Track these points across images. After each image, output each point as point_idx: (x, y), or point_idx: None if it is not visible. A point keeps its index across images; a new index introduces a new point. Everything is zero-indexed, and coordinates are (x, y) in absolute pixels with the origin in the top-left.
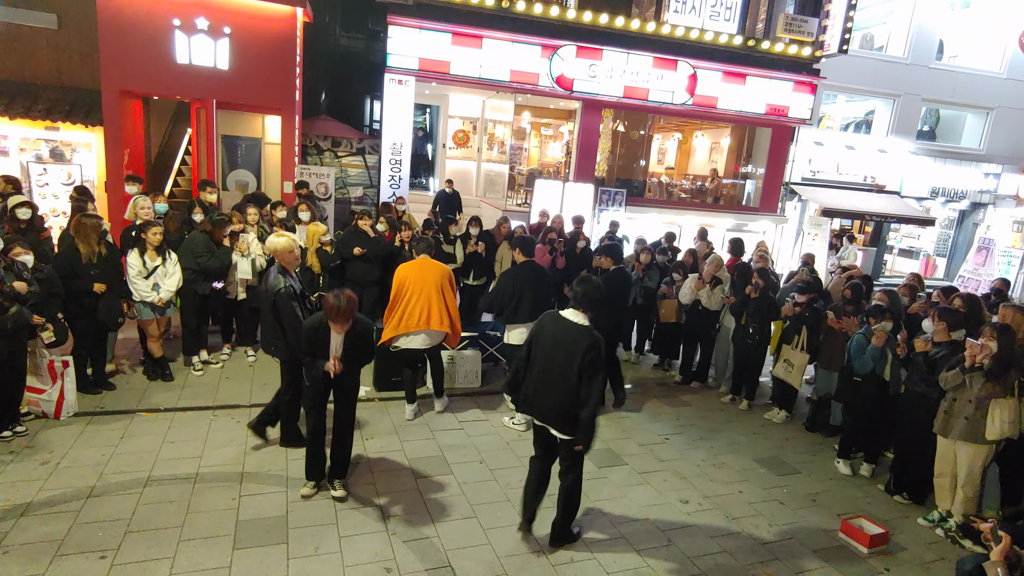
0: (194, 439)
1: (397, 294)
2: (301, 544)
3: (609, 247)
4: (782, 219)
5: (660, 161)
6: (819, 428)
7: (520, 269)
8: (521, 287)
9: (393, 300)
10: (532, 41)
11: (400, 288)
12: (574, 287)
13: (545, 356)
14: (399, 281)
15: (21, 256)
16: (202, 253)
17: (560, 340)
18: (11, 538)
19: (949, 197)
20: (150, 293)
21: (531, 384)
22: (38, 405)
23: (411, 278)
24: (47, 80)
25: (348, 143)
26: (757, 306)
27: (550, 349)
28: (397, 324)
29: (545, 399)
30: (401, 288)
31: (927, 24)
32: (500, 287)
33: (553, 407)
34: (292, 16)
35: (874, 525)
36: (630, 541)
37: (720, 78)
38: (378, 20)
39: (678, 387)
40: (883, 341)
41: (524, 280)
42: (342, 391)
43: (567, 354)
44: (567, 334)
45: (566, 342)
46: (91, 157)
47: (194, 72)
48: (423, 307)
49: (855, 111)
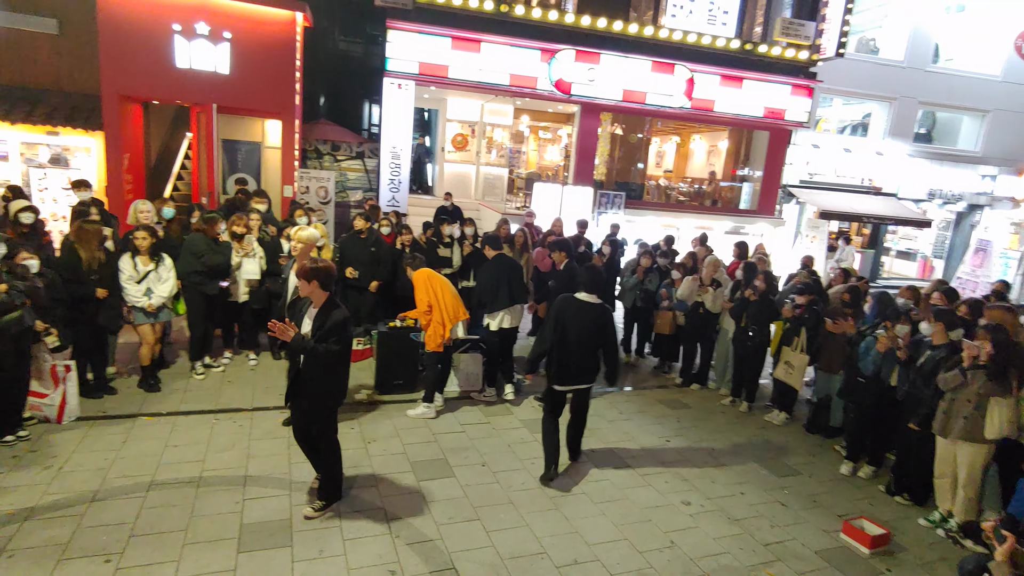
0: (196, 443)
1: (433, 294)
2: (305, 547)
3: (560, 242)
4: (779, 222)
5: (658, 164)
6: (819, 430)
7: (495, 262)
8: (498, 279)
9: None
10: (531, 45)
11: (428, 289)
12: (580, 275)
13: (576, 331)
14: (425, 283)
15: (26, 260)
16: (203, 251)
17: (584, 316)
18: (15, 542)
19: (946, 199)
20: (141, 298)
21: (569, 357)
22: (40, 409)
23: (433, 276)
24: (48, 85)
25: (348, 147)
26: (757, 308)
27: (578, 325)
28: (451, 318)
29: (581, 364)
30: (430, 288)
31: (923, 27)
32: (482, 283)
33: (586, 368)
34: (292, 21)
35: (876, 526)
36: (632, 543)
37: (718, 82)
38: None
39: (678, 389)
40: (886, 346)
41: (501, 272)
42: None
43: (591, 325)
44: (588, 311)
45: (590, 317)
46: (91, 162)
47: (194, 77)
48: (453, 300)
49: (852, 114)
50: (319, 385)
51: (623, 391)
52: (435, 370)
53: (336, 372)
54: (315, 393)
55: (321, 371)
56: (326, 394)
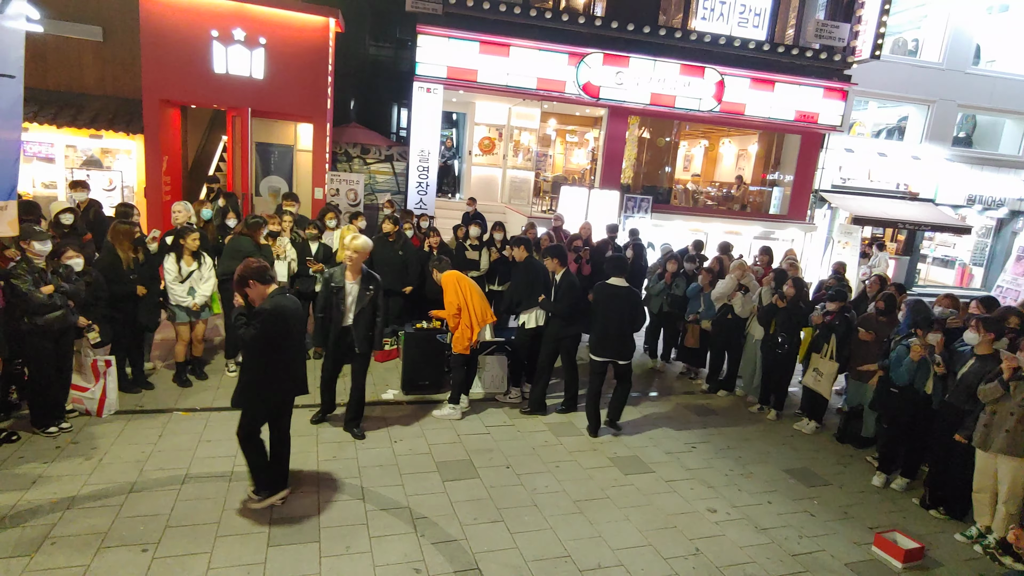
0: (229, 438)
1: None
2: (332, 543)
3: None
4: (811, 227)
5: (686, 168)
6: (850, 439)
7: (528, 263)
8: (533, 279)
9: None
10: (559, 49)
11: (458, 291)
12: (607, 264)
13: (615, 311)
14: (453, 285)
15: (72, 259)
16: (252, 254)
17: (618, 297)
18: (58, 530)
19: (986, 205)
20: (186, 298)
21: (611, 333)
22: (82, 403)
23: (462, 278)
24: (92, 90)
25: (377, 150)
26: (787, 315)
27: (616, 307)
28: (479, 320)
29: (620, 339)
30: (458, 290)
31: (964, 28)
32: (516, 282)
33: (625, 343)
34: (325, 26)
35: (909, 540)
36: (657, 549)
37: (748, 85)
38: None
39: (705, 395)
40: (919, 356)
41: (534, 273)
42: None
43: (623, 305)
44: (620, 293)
45: (621, 296)
46: (131, 164)
47: (230, 81)
48: (481, 303)
49: (887, 117)
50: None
51: (649, 396)
52: (461, 372)
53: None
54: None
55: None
56: None
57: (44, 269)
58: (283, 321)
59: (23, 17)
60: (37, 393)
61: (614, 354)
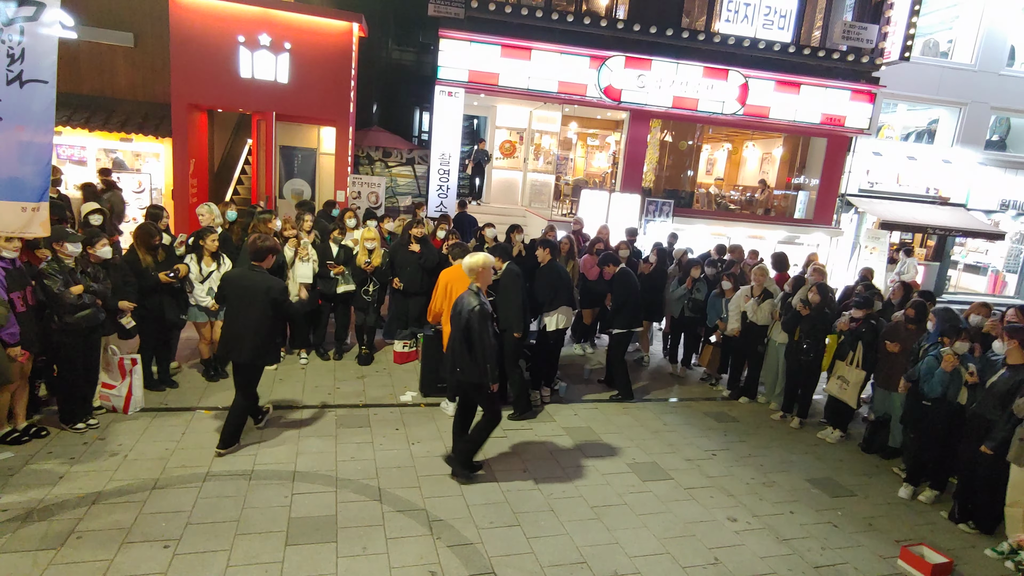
0: (249, 437)
1: (448, 296)
2: (349, 543)
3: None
4: (837, 232)
5: (709, 172)
6: (876, 450)
7: (551, 266)
8: (556, 282)
9: (441, 302)
10: (581, 52)
11: (447, 291)
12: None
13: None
14: (444, 283)
15: (101, 248)
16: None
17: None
18: (84, 524)
19: (1021, 210)
20: (205, 298)
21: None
22: (108, 400)
23: (455, 280)
24: (123, 95)
25: (398, 153)
26: (812, 322)
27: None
28: None
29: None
30: (448, 291)
31: (997, 29)
32: (540, 285)
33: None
34: (348, 31)
35: (936, 554)
36: (675, 557)
37: (773, 87)
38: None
39: (726, 402)
40: (952, 365)
41: (556, 276)
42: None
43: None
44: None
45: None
46: (159, 167)
47: (256, 86)
48: None
49: (917, 120)
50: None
51: (668, 402)
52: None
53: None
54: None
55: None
56: None
57: (74, 269)
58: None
59: (57, 24)
60: (66, 390)
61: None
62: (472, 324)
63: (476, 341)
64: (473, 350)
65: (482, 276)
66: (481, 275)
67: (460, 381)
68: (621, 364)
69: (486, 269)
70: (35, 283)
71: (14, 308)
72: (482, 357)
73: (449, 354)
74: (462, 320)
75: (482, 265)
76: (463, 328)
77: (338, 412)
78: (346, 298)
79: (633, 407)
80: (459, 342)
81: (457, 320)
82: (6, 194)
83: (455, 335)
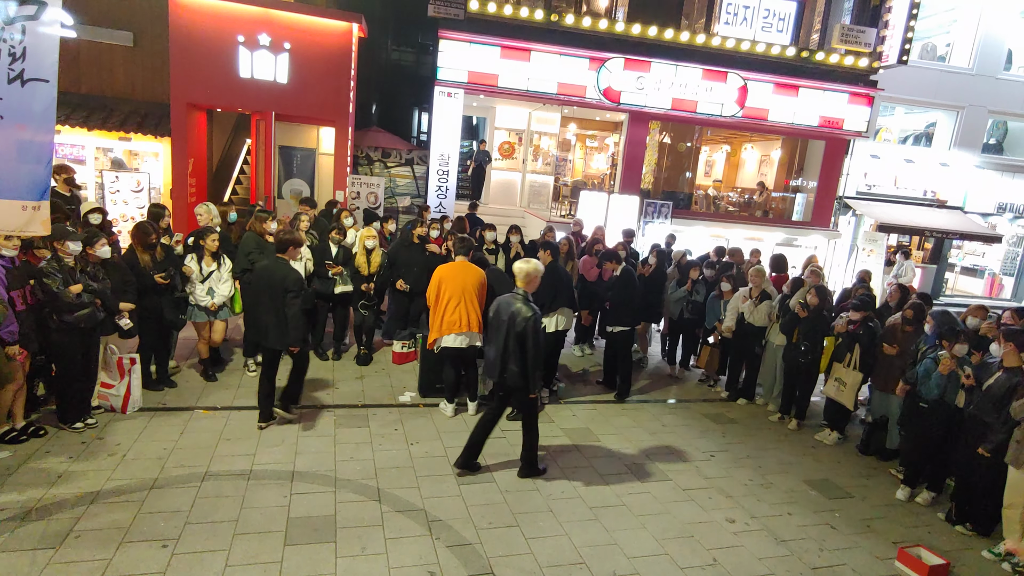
0: (248, 437)
1: (437, 296)
2: (348, 544)
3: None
4: (835, 234)
5: (707, 173)
6: (874, 451)
7: (552, 268)
8: (556, 284)
9: (433, 302)
10: (580, 54)
11: (438, 290)
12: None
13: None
14: (436, 282)
15: (101, 248)
16: (251, 250)
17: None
18: (82, 524)
19: (1017, 213)
20: (204, 297)
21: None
22: (107, 399)
23: (448, 280)
24: (122, 94)
25: (398, 154)
26: (810, 324)
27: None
28: (440, 327)
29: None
30: (439, 290)
31: (995, 33)
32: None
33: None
34: (348, 32)
35: (934, 555)
36: (673, 558)
37: (772, 90)
38: (428, 35)
39: (724, 403)
40: (949, 368)
41: (557, 278)
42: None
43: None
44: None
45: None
46: (158, 166)
47: (255, 86)
48: (463, 311)
49: (915, 123)
50: None
51: (667, 403)
52: (449, 371)
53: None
54: None
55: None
56: None
57: (73, 268)
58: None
59: (57, 23)
60: (64, 389)
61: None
62: (528, 332)
63: (530, 348)
64: (526, 356)
65: (534, 282)
66: (533, 281)
67: (507, 384)
68: (627, 360)
69: (538, 275)
70: (34, 282)
71: (13, 306)
72: (533, 365)
73: (497, 356)
74: (517, 327)
75: (536, 272)
76: (519, 334)
77: (337, 412)
78: (345, 298)
79: (631, 408)
80: (513, 347)
81: (509, 325)
82: (6, 193)
83: (505, 339)
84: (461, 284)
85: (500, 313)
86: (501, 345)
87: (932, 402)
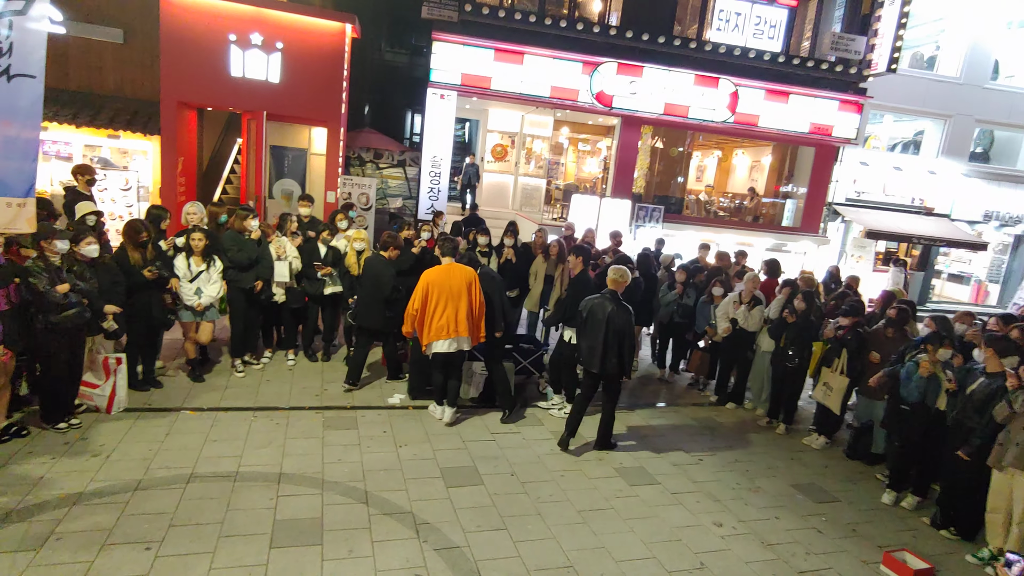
0: (235, 438)
1: (424, 300)
2: (335, 546)
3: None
4: (824, 240)
5: (699, 178)
6: (860, 456)
7: (582, 279)
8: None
9: (421, 306)
10: (573, 58)
11: (426, 294)
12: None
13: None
14: (423, 286)
15: (88, 247)
16: (229, 247)
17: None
18: (64, 526)
19: (1003, 221)
20: (192, 297)
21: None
22: (91, 399)
23: (436, 284)
24: (111, 91)
25: (390, 155)
26: (798, 329)
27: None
28: (428, 332)
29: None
30: (427, 295)
31: (982, 43)
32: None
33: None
34: (341, 32)
35: (918, 559)
36: (661, 562)
37: (763, 96)
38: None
39: (713, 408)
40: (928, 371)
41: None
42: None
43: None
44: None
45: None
46: (147, 164)
47: (247, 85)
48: (450, 315)
49: (903, 131)
50: None
51: (656, 407)
52: (437, 375)
53: None
54: None
55: None
56: None
57: (60, 267)
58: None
59: (45, 19)
60: (48, 389)
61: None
62: (628, 330)
63: (627, 341)
64: (623, 349)
65: (622, 286)
66: (621, 285)
67: (607, 372)
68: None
69: (626, 280)
70: (19, 281)
71: None
72: (629, 355)
73: (598, 349)
74: (618, 323)
75: (624, 278)
76: (618, 331)
77: (325, 414)
78: (334, 299)
79: (621, 412)
80: (612, 341)
81: (608, 324)
82: None
83: (605, 336)
84: (448, 287)
85: (595, 313)
86: (601, 341)
87: (913, 404)
